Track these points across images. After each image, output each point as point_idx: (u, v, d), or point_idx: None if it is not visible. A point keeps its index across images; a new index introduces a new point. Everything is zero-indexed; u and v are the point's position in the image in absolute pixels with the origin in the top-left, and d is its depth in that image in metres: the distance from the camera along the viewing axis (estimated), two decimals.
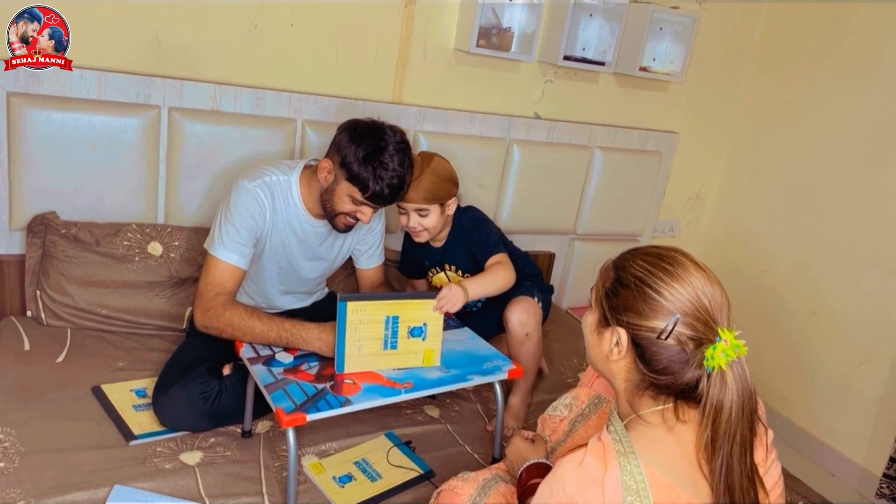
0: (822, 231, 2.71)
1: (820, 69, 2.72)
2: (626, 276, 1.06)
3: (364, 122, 1.72)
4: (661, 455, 1.00)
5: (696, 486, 1.00)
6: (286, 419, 1.36)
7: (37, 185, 1.94)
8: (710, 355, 0.98)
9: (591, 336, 1.13)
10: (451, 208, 1.91)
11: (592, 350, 1.13)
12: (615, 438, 1.01)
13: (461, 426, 1.84)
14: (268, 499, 1.46)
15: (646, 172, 2.90)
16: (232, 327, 1.62)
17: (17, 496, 1.34)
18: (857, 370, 2.58)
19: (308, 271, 1.92)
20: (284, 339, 1.60)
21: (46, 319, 1.93)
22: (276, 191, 1.75)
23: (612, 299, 1.06)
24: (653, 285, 1.02)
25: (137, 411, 1.67)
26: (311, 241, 1.86)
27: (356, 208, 1.72)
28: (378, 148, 1.66)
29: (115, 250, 1.98)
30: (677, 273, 1.03)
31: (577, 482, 0.97)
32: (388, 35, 2.30)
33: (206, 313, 1.65)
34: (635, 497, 0.95)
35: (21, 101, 1.86)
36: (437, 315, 1.59)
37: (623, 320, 1.04)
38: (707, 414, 0.98)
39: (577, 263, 2.87)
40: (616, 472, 0.96)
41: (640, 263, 1.06)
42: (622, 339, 1.04)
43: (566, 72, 2.64)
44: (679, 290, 1.01)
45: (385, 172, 1.65)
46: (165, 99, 2.03)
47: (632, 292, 1.03)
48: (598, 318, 1.10)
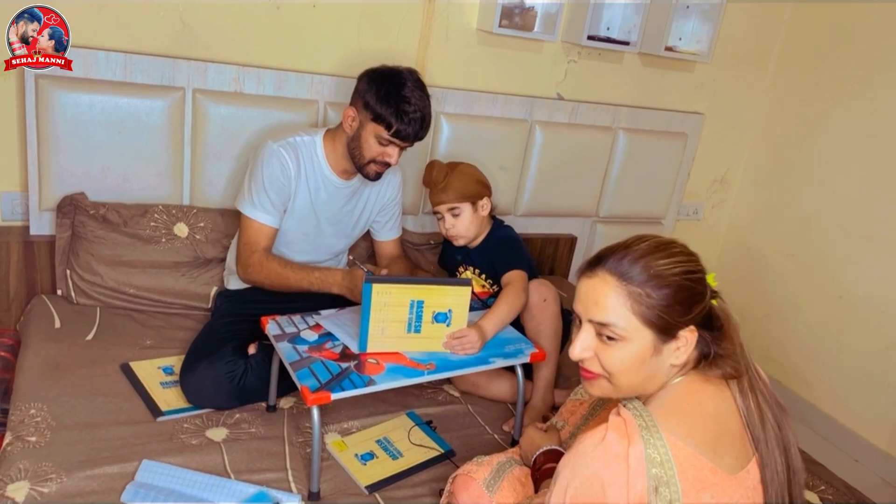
0: (849, 215, 2.66)
1: (851, 53, 2.66)
2: (669, 280, 1.01)
3: (379, 67, 1.79)
4: (682, 425, 1.01)
5: (717, 452, 1.01)
6: (311, 397, 1.38)
7: (65, 166, 1.97)
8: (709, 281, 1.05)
9: (640, 364, 1.02)
10: (484, 209, 1.94)
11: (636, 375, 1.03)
12: (635, 413, 1.01)
13: (482, 407, 1.85)
14: (291, 474, 1.49)
15: (670, 154, 2.86)
16: (270, 280, 1.80)
17: (49, 469, 1.38)
18: (883, 355, 2.54)
19: (329, 235, 1.96)
20: (315, 286, 1.79)
21: (76, 298, 1.97)
22: (301, 150, 1.83)
23: (673, 308, 1.00)
24: (692, 268, 1.04)
25: (165, 388, 1.71)
26: (335, 200, 1.90)
27: (383, 149, 1.77)
28: (397, 84, 1.72)
29: (142, 231, 2.01)
30: (677, 246, 1.06)
31: (600, 458, 0.97)
32: (410, 15, 2.29)
33: (246, 270, 1.83)
34: (660, 469, 0.96)
35: (49, 84, 1.89)
36: (463, 302, 1.58)
37: (691, 317, 1.02)
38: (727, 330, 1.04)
39: (599, 246, 2.83)
40: (640, 445, 0.97)
41: (664, 262, 1.02)
42: (689, 338, 1.03)
43: (590, 52, 2.61)
44: (688, 254, 1.06)
45: (408, 107, 1.71)
46: (190, 81, 2.05)
47: (687, 287, 1.02)
48: (653, 338, 1.01)
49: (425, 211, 2.45)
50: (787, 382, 2.87)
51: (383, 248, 2.11)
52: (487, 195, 1.95)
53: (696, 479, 0.97)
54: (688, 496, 0.96)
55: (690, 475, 0.97)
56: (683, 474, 0.96)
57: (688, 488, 0.96)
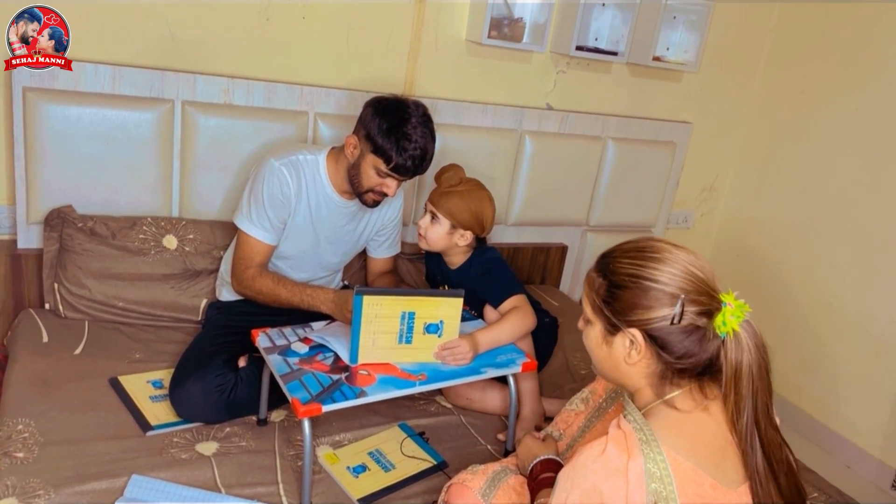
0: (838, 222, 2.68)
1: (837, 60, 2.69)
2: (617, 278, 1.05)
3: (387, 97, 1.77)
4: (683, 439, 1.01)
5: (719, 467, 1.00)
6: (302, 409, 1.37)
7: (53, 179, 1.96)
8: (722, 321, 1.00)
9: (598, 349, 1.11)
10: (461, 239, 1.85)
11: (603, 363, 1.11)
12: (636, 427, 1.01)
13: (474, 418, 1.84)
14: (283, 488, 1.48)
15: (659, 163, 2.88)
16: (262, 295, 1.81)
17: (37, 485, 1.37)
18: (874, 361, 2.56)
19: (327, 253, 1.95)
20: (306, 303, 1.77)
21: (64, 312, 1.96)
22: (303, 169, 1.82)
23: (613, 304, 1.05)
24: (648, 276, 1.02)
25: (154, 402, 1.69)
26: (336, 219, 1.90)
27: (381, 181, 1.76)
28: (401, 120, 1.70)
29: (130, 243, 1.99)
30: (663, 257, 1.03)
31: (599, 471, 0.97)
32: (399, 27, 2.30)
33: (241, 283, 1.83)
34: (659, 484, 0.96)
35: (36, 96, 1.88)
36: (454, 313, 1.58)
37: (632, 320, 1.03)
38: (728, 378, 1.00)
39: (590, 255, 2.86)
40: (640, 459, 0.97)
41: (626, 261, 1.05)
42: (637, 339, 1.04)
43: (578, 62, 2.62)
44: (672, 271, 1.02)
45: (408, 143, 1.69)
46: (179, 93, 2.04)
47: (630, 291, 1.03)
48: (602, 328, 1.09)
49: (415, 221, 2.44)
50: (778, 389, 2.86)
51: (375, 264, 2.10)
52: (475, 231, 1.85)
53: (695, 495, 0.97)
54: None
55: (690, 490, 0.97)
56: (682, 489, 0.96)
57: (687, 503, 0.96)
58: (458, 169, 1.88)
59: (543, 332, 1.97)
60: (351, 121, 1.81)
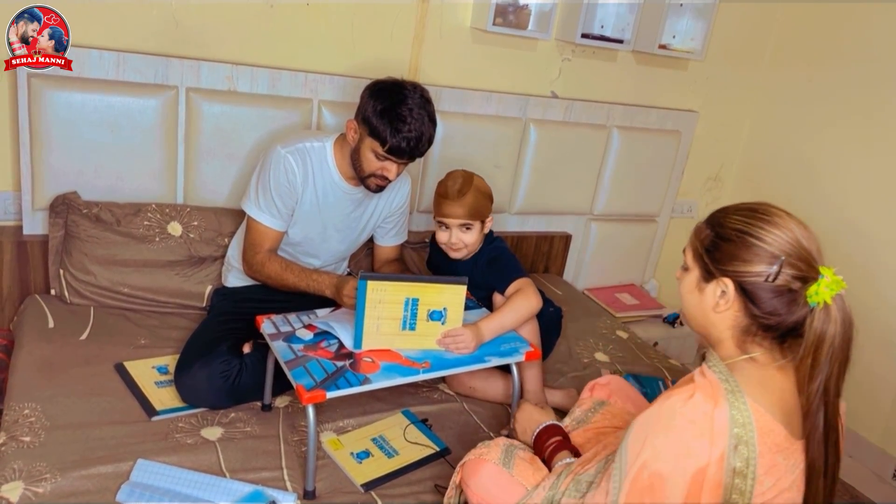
0: (843, 212, 2.67)
1: (844, 50, 2.67)
2: (725, 231, 1.11)
3: (385, 80, 1.76)
4: (765, 393, 1.07)
5: (791, 423, 1.08)
6: (306, 396, 1.38)
7: (58, 165, 1.96)
8: (815, 291, 1.05)
9: (690, 295, 1.16)
10: (487, 227, 1.91)
11: (693, 308, 1.16)
12: (721, 378, 1.08)
13: (477, 405, 1.85)
14: (287, 473, 1.49)
15: (664, 152, 2.87)
16: (271, 280, 1.84)
17: (43, 469, 1.38)
18: (877, 352, 2.56)
19: (335, 241, 1.95)
20: (312, 287, 1.80)
21: (70, 298, 1.97)
22: (310, 156, 1.82)
23: (714, 253, 1.11)
24: (754, 233, 1.08)
25: (159, 388, 1.70)
26: (343, 206, 1.90)
27: (381, 164, 1.75)
28: (396, 102, 1.69)
29: (135, 230, 2.00)
30: (773, 220, 1.09)
31: (688, 413, 1.04)
32: (404, 14, 2.29)
33: (250, 268, 1.87)
34: (741, 429, 1.03)
35: (42, 83, 1.88)
36: (458, 301, 1.58)
37: (728, 270, 1.09)
38: (809, 344, 1.05)
39: (594, 244, 2.86)
40: (725, 407, 1.04)
41: (737, 217, 1.11)
42: (729, 289, 1.09)
43: (584, 50, 2.61)
44: (779, 234, 1.07)
45: (402, 125, 1.68)
46: (183, 79, 2.04)
47: (734, 244, 1.09)
48: (698, 275, 1.14)
49: (419, 209, 2.45)
50: None
51: (382, 252, 2.10)
52: (491, 210, 1.90)
53: (772, 444, 1.05)
54: (764, 457, 1.04)
55: (769, 439, 1.05)
56: (762, 437, 1.04)
57: (764, 450, 1.04)
58: (458, 173, 1.87)
59: (547, 321, 1.98)
60: (354, 108, 1.81)
